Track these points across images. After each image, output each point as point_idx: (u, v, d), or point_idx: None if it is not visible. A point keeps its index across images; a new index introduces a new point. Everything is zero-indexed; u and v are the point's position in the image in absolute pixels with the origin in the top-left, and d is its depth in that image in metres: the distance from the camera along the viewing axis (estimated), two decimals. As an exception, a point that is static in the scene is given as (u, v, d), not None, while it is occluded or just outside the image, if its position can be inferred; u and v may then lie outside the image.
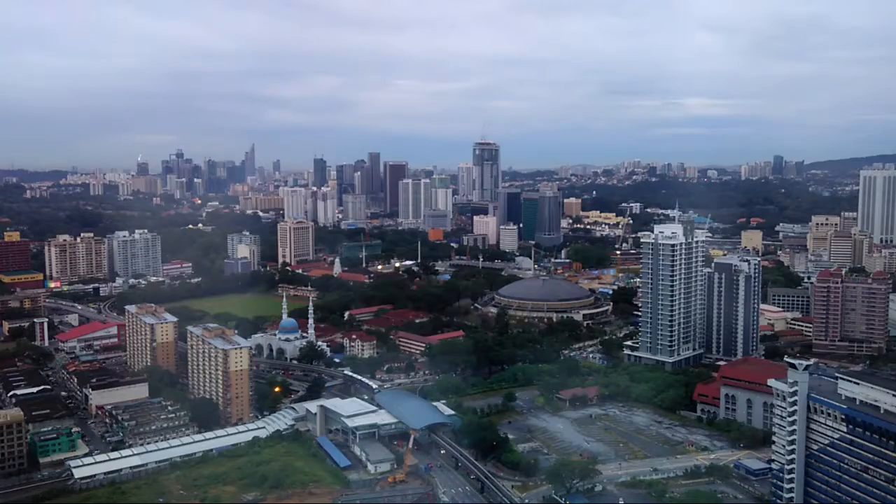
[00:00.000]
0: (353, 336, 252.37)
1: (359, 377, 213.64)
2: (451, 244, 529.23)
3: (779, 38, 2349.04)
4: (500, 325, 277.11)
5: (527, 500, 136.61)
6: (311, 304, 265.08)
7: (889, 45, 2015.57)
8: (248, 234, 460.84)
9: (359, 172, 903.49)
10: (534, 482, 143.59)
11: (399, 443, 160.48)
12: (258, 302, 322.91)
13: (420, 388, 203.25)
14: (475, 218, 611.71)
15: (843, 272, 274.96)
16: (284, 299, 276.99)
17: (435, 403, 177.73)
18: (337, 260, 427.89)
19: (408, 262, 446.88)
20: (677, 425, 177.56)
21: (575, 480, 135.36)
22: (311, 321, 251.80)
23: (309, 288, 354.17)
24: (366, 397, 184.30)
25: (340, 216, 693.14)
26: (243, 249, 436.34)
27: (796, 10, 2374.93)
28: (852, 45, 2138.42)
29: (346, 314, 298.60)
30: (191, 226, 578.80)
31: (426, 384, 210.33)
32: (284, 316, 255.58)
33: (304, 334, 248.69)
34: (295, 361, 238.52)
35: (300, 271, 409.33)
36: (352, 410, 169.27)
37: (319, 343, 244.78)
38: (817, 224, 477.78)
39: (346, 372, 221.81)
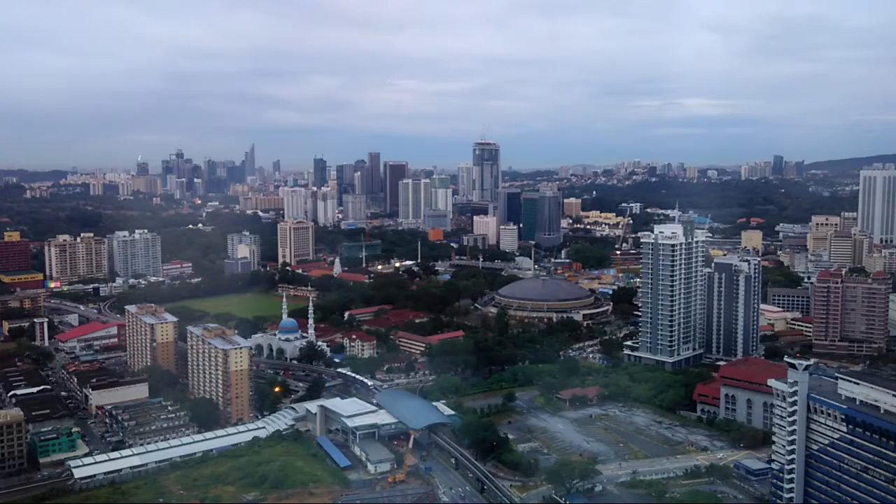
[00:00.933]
0: (353, 336, 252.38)
1: (353, 375, 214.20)
2: (451, 244, 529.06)
3: (779, 38, 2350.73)
4: (500, 325, 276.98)
5: (527, 501, 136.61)
6: (311, 304, 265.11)
7: (889, 45, 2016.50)
8: (248, 234, 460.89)
9: (359, 172, 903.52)
10: (534, 482, 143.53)
11: (399, 443, 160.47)
12: (258, 302, 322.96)
13: (420, 388, 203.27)
14: (475, 218, 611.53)
15: (843, 272, 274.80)
16: (284, 299, 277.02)
17: (435, 403, 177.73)
18: (337, 260, 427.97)
19: (408, 262, 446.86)
20: (677, 425, 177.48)
21: (575, 480, 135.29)
22: (311, 321, 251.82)
23: (309, 288, 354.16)
24: (375, 401, 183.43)
25: (340, 216, 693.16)
26: (243, 249, 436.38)
27: (796, 10, 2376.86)
28: (852, 45, 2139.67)
29: (346, 314, 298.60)
30: (191, 226, 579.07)
31: (426, 384, 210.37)
32: (284, 316, 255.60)
33: (304, 334, 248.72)
34: (295, 361, 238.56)
35: (300, 271, 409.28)
36: (352, 410, 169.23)
37: (319, 343, 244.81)
38: (817, 224, 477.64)
39: (339, 370, 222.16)
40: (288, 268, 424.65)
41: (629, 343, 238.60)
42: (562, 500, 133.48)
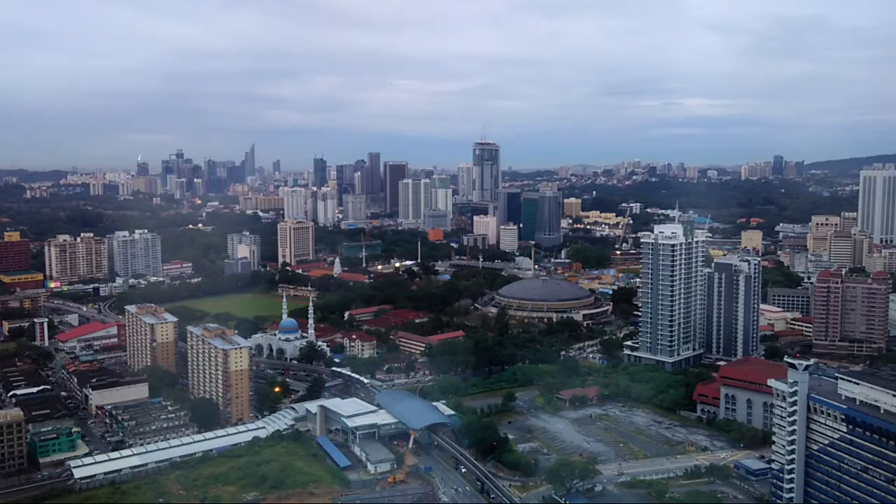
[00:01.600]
0: (353, 336, 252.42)
1: (350, 374, 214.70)
2: (451, 244, 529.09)
3: (779, 38, 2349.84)
4: (500, 325, 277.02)
5: (527, 501, 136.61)
6: (311, 304, 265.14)
7: (889, 45, 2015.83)
8: (248, 234, 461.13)
9: (359, 172, 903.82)
10: (534, 482, 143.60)
11: (399, 443, 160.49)
12: (258, 302, 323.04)
13: (420, 388, 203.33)
14: (475, 218, 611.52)
15: (843, 272, 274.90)
16: (284, 299, 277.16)
17: (435, 403, 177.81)
18: (337, 260, 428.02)
19: (408, 262, 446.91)
20: (677, 425, 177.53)
21: (575, 480, 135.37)
22: (311, 321, 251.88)
23: (309, 288, 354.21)
24: (375, 401, 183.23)
25: (340, 216, 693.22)
26: (243, 249, 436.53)
27: (796, 10, 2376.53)
28: (852, 45, 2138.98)
29: (346, 314, 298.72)
30: (191, 226, 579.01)
31: (426, 384, 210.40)
32: (284, 316, 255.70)
33: (304, 334, 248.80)
34: (295, 361, 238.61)
35: (300, 271, 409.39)
36: (352, 410, 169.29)
37: (319, 343, 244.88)
38: (817, 224, 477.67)
39: (333, 369, 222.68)
40: (288, 268, 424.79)
41: (629, 343, 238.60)
42: (562, 500, 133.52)
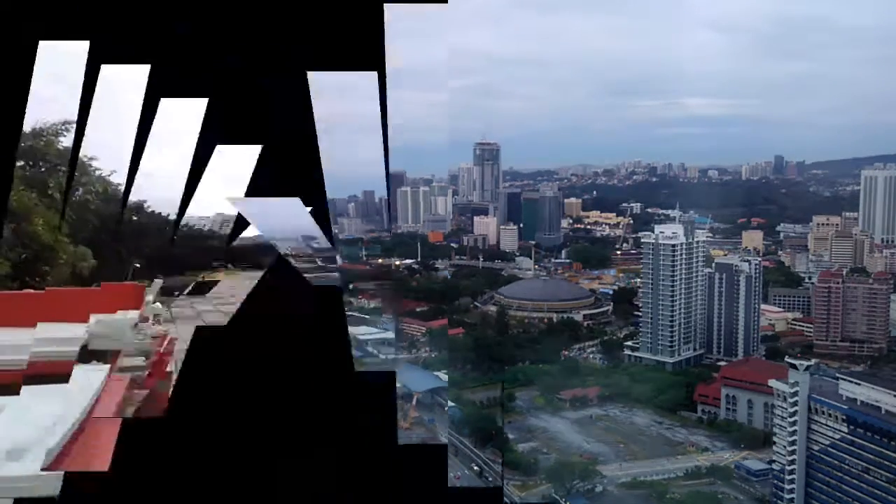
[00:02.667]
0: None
1: None
2: (452, 244, 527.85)
3: (779, 37, 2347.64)
4: (499, 325, 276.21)
5: (527, 500, 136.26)
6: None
7: (890, 44, 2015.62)
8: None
9: (352, 204, 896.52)
10: (534, 482, 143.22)
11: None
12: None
13: (422, 361, 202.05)
14: (475, 218, 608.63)
15: (844, 272, 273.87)
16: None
17: (436, 373, 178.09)
18: (337, 257, 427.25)
19: (407, 261, 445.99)
20: (678, 426, 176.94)
21: (575, 481, 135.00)
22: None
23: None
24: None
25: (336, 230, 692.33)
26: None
27: (797, 10, 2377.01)
28: (854, 44, 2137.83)
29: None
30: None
31: (428, 358, 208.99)
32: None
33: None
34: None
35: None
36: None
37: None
38: (818, 224, 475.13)
39: None
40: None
41: (629, 343, 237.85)
42: (562, 500, 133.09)
